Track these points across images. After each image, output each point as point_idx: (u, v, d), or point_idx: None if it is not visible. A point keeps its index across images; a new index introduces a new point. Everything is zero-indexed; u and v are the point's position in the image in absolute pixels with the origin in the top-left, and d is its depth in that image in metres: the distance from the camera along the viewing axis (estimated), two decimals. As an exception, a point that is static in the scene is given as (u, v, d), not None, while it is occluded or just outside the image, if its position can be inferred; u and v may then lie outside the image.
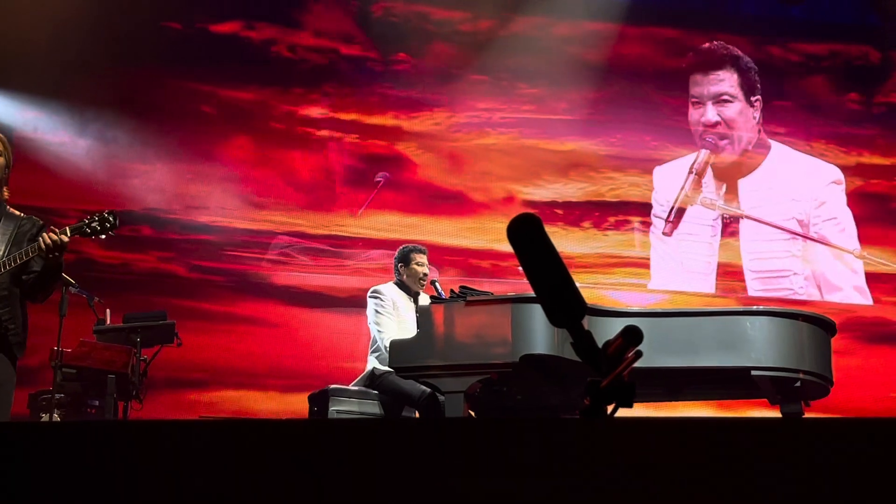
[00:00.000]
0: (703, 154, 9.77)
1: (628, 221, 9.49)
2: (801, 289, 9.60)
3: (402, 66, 9.32)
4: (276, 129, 9.16)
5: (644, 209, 9.60)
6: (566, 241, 9.13)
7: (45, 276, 4.55)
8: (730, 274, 9.62)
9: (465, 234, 9.16)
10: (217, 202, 8.93)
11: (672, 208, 9.67)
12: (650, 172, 9.67)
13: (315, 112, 9.20)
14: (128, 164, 8.80)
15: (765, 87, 9.94)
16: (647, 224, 9.63)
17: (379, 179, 9.29)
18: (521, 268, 2.00)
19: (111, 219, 4.58)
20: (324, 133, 9.17)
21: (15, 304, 4.55)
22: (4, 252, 4.48)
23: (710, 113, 9.83)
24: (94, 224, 4.56)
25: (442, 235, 9.08)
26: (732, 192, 9.72)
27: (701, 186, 9.74)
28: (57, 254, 4.43)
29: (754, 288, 9.57)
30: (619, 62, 9.67)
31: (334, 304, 9.03)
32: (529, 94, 9.47)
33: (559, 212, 9.30)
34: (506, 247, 8.99)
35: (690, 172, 9.74)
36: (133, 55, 8.86)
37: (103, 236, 4.62)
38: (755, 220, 9.70)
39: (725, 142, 9.81)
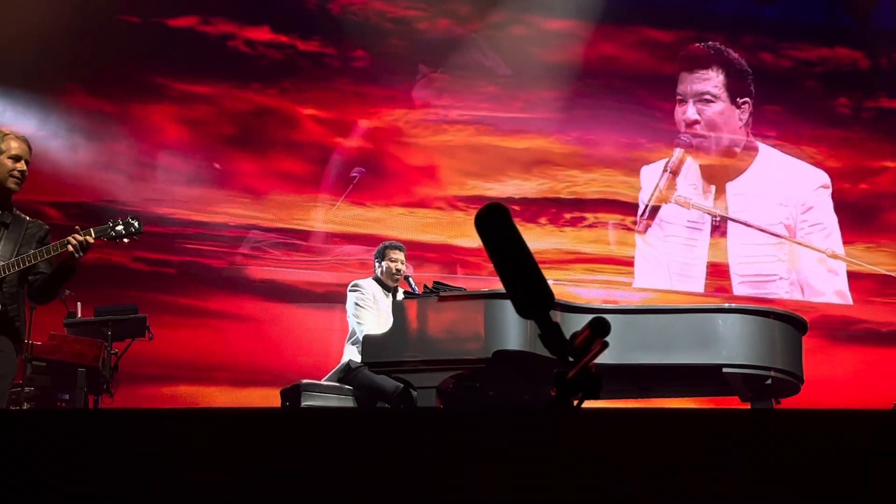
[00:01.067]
0: (678, 153, 9.80)
1: (584, 218, 9.51)
2: (786, 293, 9.65)
3: (360, 62, 9.33)
4: (235, 124, 9.12)
5: (606, 206, 9.60)
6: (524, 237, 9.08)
7: (55, 278, 4.70)
8: (718, 273, 9.67)
9: (425, 230, 9.17)
10: (178, 195, 8.89)
11: (647, 206, 9.70)
12: (614, 169, 9.68)
13: (273, 106, 9.18)
14: (92, 155, 8.75)
15: (756, 91, 9.97)
16: (619, 224, 9.66)
17: (355, 175, 9.29)
18: (489, 257, 1.99)
19: (136, 224, 4.75)
20: (282, 128, 9.16)
21: (21, 302, 4.71)
22: (13, 252, 4.61)
23: (691, 111, 9.85)
24: (118, 227, 4.72)
25: (401, 230, 9.10)
26: (721, 194, 9.76)
27: (675, 185, 9.76)
28: (81, 254, 4.57)
29: (740, 292, 9.62)
30: (582, 61, 9.67)
31: (307, 299, 9.01)
32: (487, 91, 9.48)
33: (516, 208, 9.31)
34: (462, 242, 9.05)
35: (665, 171, 9.77)
36: (93, 48, 8.80)
37: (126, 240, 4.77)
38: (732, 219, 9.74)
39: (699, 140, 9.83)
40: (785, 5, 10.12)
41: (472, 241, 9.11)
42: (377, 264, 6.81)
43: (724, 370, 5.68)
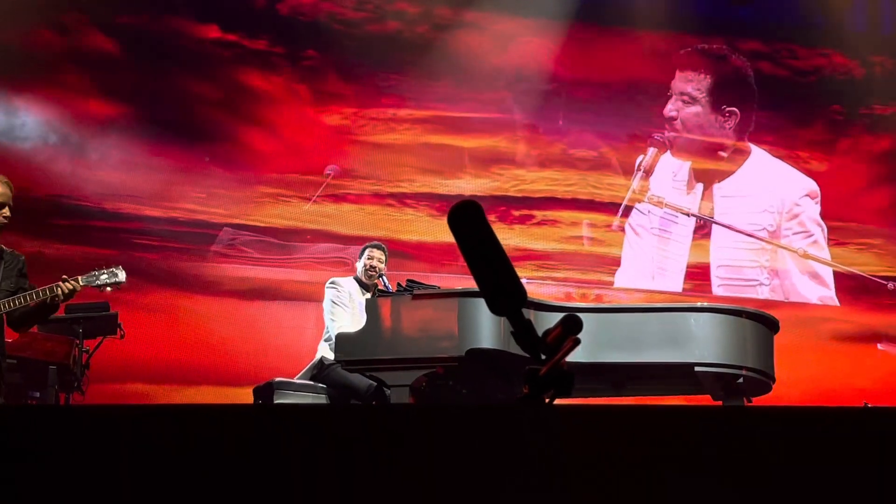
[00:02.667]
0: (651, 152, 9.83)
1: (533, 216, 9.53)
2: (766, 299, 9.69)
3: (310, 61, 9.32)
4: (184, 119, 9.08)
5: (554, 204, 9.62)
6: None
7: (37, 315, 5.10)
8: (698, 275, 9.72)
9: (380, 226, 9.18)
10: (132, 190, 8.86)
11: (622, 205, 9.74)
12: (564, 168, 9.69)
13: (224, 104, 9.15)
14: (51, 151, 8.71)
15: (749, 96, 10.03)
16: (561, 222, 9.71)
17: (328, 172, 9.27)
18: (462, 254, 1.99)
19: (120, 275, 5.19)
20: (224, 121, 9.14)
21: (3, 329, 5.10)
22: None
23: (669, 106, 9.90)
24: (103, 276, 5.17)
25: (354, 227, 9.11)
26: (707, 194, 9.82)
27: (649, 184, 9.80)
28: (65, 299, 5.01)
29: (719, 294, 9.67)
30: (523, 63, 9.71)
31: (280, 297, 9.00)
32: (436, 92, 9.49)
33: None
34: (414, 237, 9.05)
35: (638, 170, 9.80)
36: (41, 45, 8.76)
37: (109, 289, 5.22)
38: (707, 219, 9.78)
39: (671, 136, 9.87)
40: (758, 6, 10.18)
41: (422, 237, 9.15)
42: (358, 262, 6.86)
43: (696, 369, 5.70)
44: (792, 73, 10.20)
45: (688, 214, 9.74)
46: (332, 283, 6.75)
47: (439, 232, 9.15)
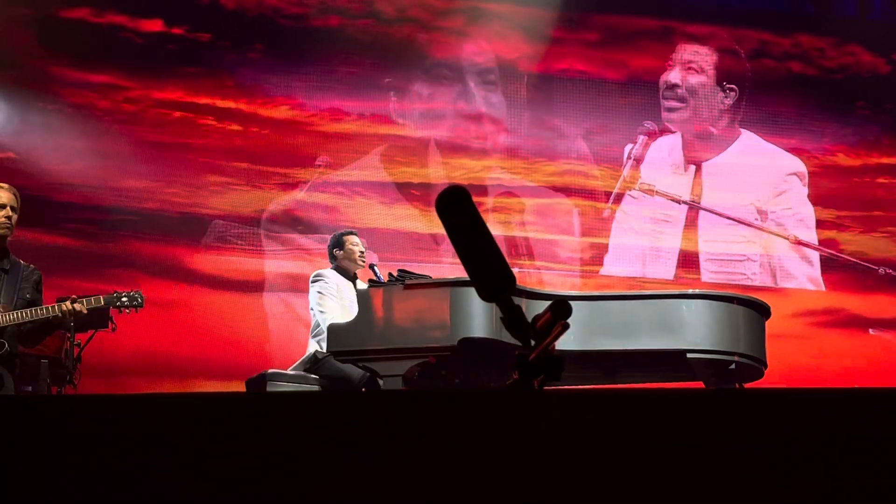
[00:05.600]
0: (641, 140, 9.84)
1: (482, 203, 9.49)
2: (754, 275, 9.72)
3: (256, 54, 9.31)
4: (129, 112, 9.05)
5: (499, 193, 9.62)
6: (417, 222, 9.10)
7: (43, 330, 5.30)
8: (690, 261, 9.74)
9: (327, 213, 9.17)
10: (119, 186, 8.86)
11: (613, 193, 9.75)
12: (504, 157, 9.69)
13: (170, 96, 9.13)
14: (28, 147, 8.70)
15: (766, 94, 10.04)
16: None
17: (320, 164, 9.27)
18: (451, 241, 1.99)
19: (139, 300, 5.49)
20: (177, 116, 9.11)
21: (16, 340, 5.25)
22: (14, 296, 5.20)
23: (674, 74, 9.90)
24: (123, 299, 5.44)
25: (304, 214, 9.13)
26: (699, 174, 9.84)
27: (640, 172, 9.81)
28: (70, 319, 5.26)
29: (709, 270, 9.67)
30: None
31: (273, 288, 8.99)
32: (381, 83, 9.48)
33: (416, 192, 9.32)
34: (371, 225, 9.03)
35: (629, 158, 9.81)
36: None
37: (128, 311, 5.51)
38: (699, 206, 9.80)
39: (682, 106, 9.87)
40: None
41: (375, 224, 9.12)
42: (336, 253, 6.76)
43: (689, 355, 5.72)
44: (820, 72, 10.23)
45: (678, 201, 9.75)
46: (317, 275, 6.68)
47: (390, 220, 9.13)
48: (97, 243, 8.78)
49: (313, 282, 6.65)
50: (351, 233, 6.89)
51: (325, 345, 6.18)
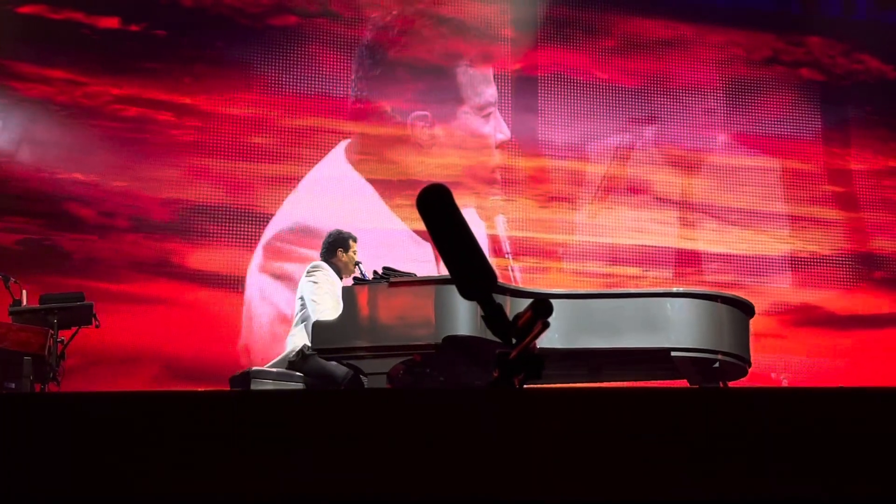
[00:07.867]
0: (628, 138, 9.88)
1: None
2: (739, 274, 9.77)
3: (215, 51, 9.29)
4: (86, 106, 9.01)
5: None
6: (380, 218, 9.11)
7: None
8: (677, 260, 9.77)
9: (289, 207, 9.17)
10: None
11: (598, 190, 9.77)
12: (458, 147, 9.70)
13: (126, 91, 9.11)
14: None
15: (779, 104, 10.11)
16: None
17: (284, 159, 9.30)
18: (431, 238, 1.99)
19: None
20: (133, 111, 9.09)
21: None
22: None
23: (663, 73, 9.93)
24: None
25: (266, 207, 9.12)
26: (689, 173, 9.89)
27: (626, 171, 9.83)
28: None
29: (695, 268, 9.72)
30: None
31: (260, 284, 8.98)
32: (342, 80, 9.49)
33: (380, 188, 9.34)
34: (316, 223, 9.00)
35: (617, 156, 9.83)
36: None
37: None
38: (682, 204, 9.84)
39: (672, 104, 9.92)
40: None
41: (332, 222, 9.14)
42: (339, 253, 6.66)
43: (673, 354, 5.73)
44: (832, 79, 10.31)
45: (667, 200, 9.79)
46: (316, 266, 6.54)
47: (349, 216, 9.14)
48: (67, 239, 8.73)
49: (311, 271, 6.52)
50: (354, 237, 6.73)
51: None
